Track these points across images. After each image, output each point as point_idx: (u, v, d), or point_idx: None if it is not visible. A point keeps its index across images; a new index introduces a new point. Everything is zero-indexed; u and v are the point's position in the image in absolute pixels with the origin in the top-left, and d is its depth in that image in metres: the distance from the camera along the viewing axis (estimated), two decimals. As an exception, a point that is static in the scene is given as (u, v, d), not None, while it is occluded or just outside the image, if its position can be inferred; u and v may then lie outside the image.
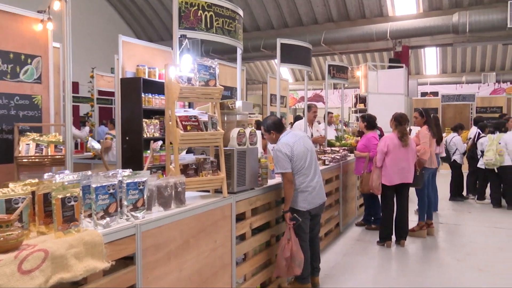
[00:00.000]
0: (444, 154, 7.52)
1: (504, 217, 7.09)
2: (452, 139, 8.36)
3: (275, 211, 3.87)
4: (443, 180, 8.60)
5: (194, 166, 3.00)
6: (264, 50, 15.84)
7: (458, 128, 8.68)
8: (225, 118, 3.39)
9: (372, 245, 5.50)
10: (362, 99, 13.62)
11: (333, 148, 6.58)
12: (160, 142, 3.77)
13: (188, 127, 2.90)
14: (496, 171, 7.75)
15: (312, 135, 6.70)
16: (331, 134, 7.98)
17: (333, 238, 5.70)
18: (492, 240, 5.80)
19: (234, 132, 3.25)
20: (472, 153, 8.37)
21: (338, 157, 5.87)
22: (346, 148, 6.85)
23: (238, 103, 3.52)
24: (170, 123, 2.92)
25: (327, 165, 5.49)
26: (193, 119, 2.96)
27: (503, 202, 7.83)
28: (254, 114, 17.92)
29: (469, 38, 13.99)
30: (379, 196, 5.62)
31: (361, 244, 5.56)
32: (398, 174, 5.25)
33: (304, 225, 3.77)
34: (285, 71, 22.66)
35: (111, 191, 2.17)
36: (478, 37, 14.07)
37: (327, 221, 5.42)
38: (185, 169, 2.95)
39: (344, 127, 9.29)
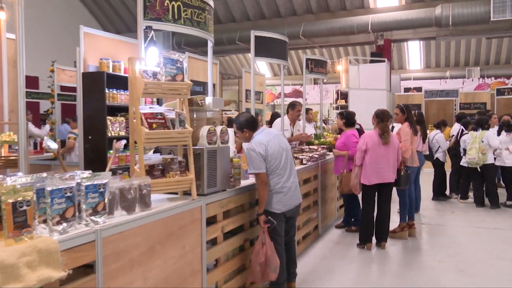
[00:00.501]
0: (427, 152, 7.66)
1: (487, 217, 7.30)
2: (435, 136, 8.50)
3: (248, 214, 3.89)
4: (426, 179, 8.79)
5: (160, 167, 2.99)
6: (240, 43, 15.84)
7: (441, 125, 8.87)
8: (194, 115, 3.38)
9: (352, 247, 5.59)
10: (343, 95, 13.78)
11: (311, 147, 6.63)
12: (123, 141, 3.73)
13: (154, 125, 2.89)
14: (479, 170, 7.95)
15: (292, 134, 6.72)
16: (310, 132, 8.04)
17: (312, 241, 5.76)
18: (474, 241, 5.97)
19: (204, 130, 3.25)
20: (455, 151, 8.53)
21: (316, 156, 5.93)
22: (325, 146, 6.93)
23: (208, 99, 3.52)
24: (135, 120, 2.90)
25: (305, 164, 5.53)
26: (159, 117, 2.95)
27: (486, 201, 8.05)
28: (230, 110, 17.86)
29: (452, 31, 14.37)
30: (360, 197, 5.70)
31: (340, 247, 5.64)
32: (376, 174, 5.32)
33: (279, 228, 3.80)
34: (263, 65, 22.72)
35: (68, 194, 2.14)
36: (461, 31, 14.47)
37: (305, 224, 5.47)
38: (151, 170, 2.93)
39: (323, 124, 9.37)
